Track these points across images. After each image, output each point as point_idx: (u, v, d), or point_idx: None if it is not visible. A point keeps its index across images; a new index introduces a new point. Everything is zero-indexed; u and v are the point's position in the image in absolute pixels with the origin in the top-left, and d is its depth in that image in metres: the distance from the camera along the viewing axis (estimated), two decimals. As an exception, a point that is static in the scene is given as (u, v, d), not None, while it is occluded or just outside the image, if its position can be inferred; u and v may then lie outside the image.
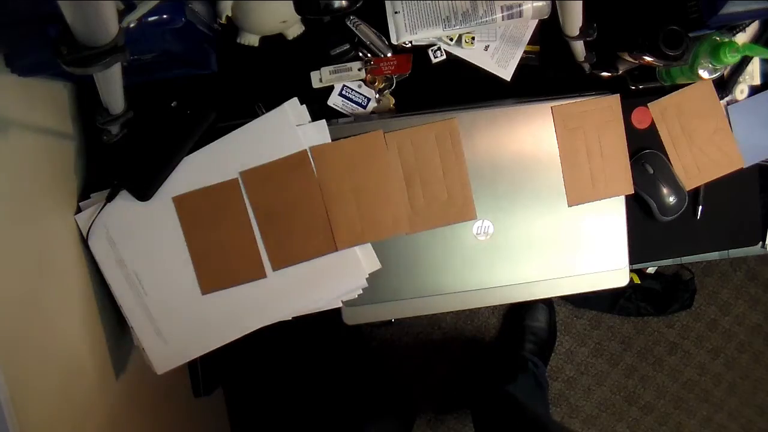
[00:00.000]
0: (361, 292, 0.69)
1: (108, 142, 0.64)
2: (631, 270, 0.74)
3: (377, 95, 0.72)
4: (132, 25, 0.42)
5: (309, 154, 0.66)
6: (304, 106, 0.67)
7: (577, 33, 0.62)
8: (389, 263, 0.68)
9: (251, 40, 0.66)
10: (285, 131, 0.66)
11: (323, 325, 0.65)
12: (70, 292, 0.63)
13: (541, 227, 0.70)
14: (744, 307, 1.79)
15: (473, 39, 0.70)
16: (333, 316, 0.69)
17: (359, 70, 0.70)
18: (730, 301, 1.78)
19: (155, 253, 0.67)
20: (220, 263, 0.67)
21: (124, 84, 0.53)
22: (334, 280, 0.68)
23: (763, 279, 1.78)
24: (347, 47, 0.70)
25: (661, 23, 0.64)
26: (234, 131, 0.66)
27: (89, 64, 0.42)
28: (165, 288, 0.67)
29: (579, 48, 0.67)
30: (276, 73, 0.70)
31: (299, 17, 0.67)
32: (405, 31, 0.68)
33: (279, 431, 1.54)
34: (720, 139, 0.76)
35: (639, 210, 0.76)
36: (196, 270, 0.67)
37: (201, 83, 0.69)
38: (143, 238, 0.66)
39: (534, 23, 0.72)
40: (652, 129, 0.75)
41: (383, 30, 0.69)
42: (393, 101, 0.72)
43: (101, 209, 0.65)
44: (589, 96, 0.69)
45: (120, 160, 0.65)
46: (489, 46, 0.72)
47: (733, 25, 0.70)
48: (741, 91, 0.77)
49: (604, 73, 0.73)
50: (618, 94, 0.70)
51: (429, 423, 1.52)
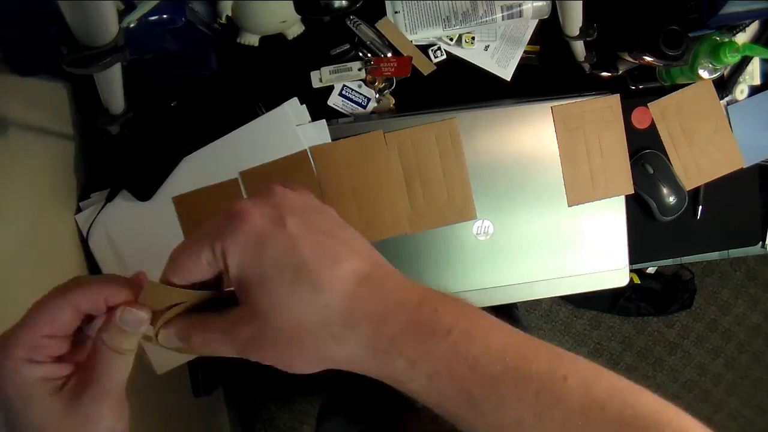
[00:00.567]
0: (361, 292, 0.68)
1: (108, 142, 0.64)
2: (631, 270, 0.74)
3: (377, 95, 0.72)
4: (132, 25, 0.42)
5: (309, 154, 0.66)
6: (304, 106, 0.67)
7: (577, 33, 0.62)
8: (389, 263, 0.68)
9: (251, 39, 0.66)
10: (285, 131, 0.66)
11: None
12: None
13: (541, 227, 0.70)
14: (744, 307, 1.79)
15: (473, 39, 0.70)
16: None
17: (359, 70, 0.70)
18: (730, 301, 1.78)
19: (155, 253, 0.66)
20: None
21: (124, 84, 0.53)
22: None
23: (763, 279, 1.78)
24: (347, 47, 0.70)
25: (661, 23, 0.64)
26: (234, 131, 0.66)
27: (89, 64, 0.42)
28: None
29: (579, 48, 0.67)
30: (276, 73, 0.70)
31: (299, 17, 0.67)
32: (405, 31, 0.68)
33: (278, 429, 1.54)
34: (720, 139, 0.76)
35: (639, 210, 0.76)
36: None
37: (201, 83, 0.69)
38: (143, 237, 0.66)
39: (534, 23, 0.72)
40: (652, 129, 0.75)
41: (383, 30, 0.69)
42: (393, 101, 0.72)
43: (101, 209, 0.65)
44: (589, 96, 0.69)
45: (120, 160, 0.65)
46: (489, 46, 0.72)
47: (733, 25, 0.70)
48: (741, 91, 0.77)
49: (604, 73, 0.73)
50: (618, 94, 0.70)
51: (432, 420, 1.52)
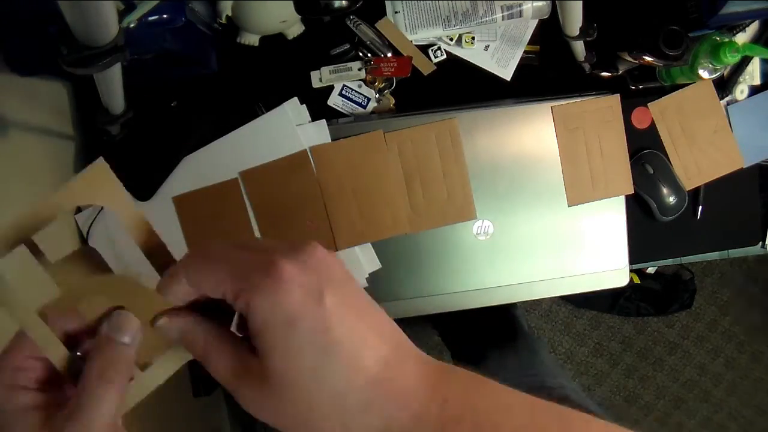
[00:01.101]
0: (361, 292, 0.69)
1: (108, 142, 0.64)
2: (631, 270, 0.74)
3: (377, 95, 0.72)
4: (132, 25, 0.42)
5: (309, 154, 0.66)
6: (304, 105, 0.67)
7: (577, 33, 0.62)
8: (389, 263, 0.68)
9: (251, 39, 0.66)
10: (285, 131, 0.66)
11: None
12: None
13: (541, 227, 0.70)
14: (744, 307, 1.79)
15: (473, 39, 0.70)
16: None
17: (359, 70, 0.70)
18: (730, 301, 1.78)
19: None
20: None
21: (124, 84, 0.53)
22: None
23: (763, 279, 1.78)
24: (347, 47, 0.70)
25: (661, 23, 0.64)
26: (234, 131, 0.66)
27: (89, 64, 0.42)
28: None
29: (579, 48, 0.67)
30: (276, 73, 0.70)
31: (299, 17, 0.67)
32: (405, 31, 0.68)
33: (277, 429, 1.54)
34: (720, 139, 0.76)
35: (639, 210, 0.76)
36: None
37: (201, 83, 0.69)
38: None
39: (534, 23, 0.72)
40: (652, 129, 0.75)
41: (383, 30, 0.69)
42: (393, 101, 0.72)
43: (101, 209, 0.65)
44: (589, 96, 0.69)
45: (120, 160, 0.65)
46: (489, 46, 0.72)
47: (733, 25, 0.70)
48: (741, 91, 0.77)
49: (604, 73, 0.73)
50: (618, 94, 0.70)
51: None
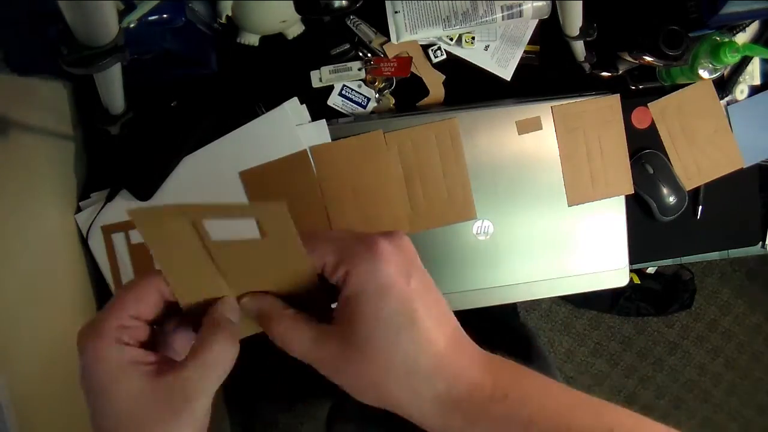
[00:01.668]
0: (361, 291, 0.68)
1: (108, 142, 0.64)
2: (631, 270, 0.74)
3: (377, 95, 0.71)
4: (132, 25, 0.42)
5: (309, 153, 0.66)
6: (304, 105, 0.67)
7: (577, 33, 0.62)
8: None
9: (251, 39, 0.66)
10: (285, 131, 0.66)
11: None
12: (70, 291, 0.63)
13: (541, 227, 0.70)
14: (744, 307, 1.79)
15: (473, 39, 0.70)
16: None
17: (359, 69, 0.70)
18: (730, 301, 1.78)
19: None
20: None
21: (124, 84, 0.53)
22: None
23: (763, 279, 1.78)
24: (347, 47, 0.70)
25: (661, 23, 0.64)
26: (234, 131, 0.66)
27: (89, 64, 0.42)
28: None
29: (579, 48, 0.67)
30: (276, 73, 0.70)
31: (299, 17, 0.67)
32: (405, 31, 0.68)
33: (278, 430, 1.55)
34: (720, 139, 0.76)
35: (639, 210, 0.76)
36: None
37: (201, 83, 0.69)
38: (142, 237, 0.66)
39: (534, 23, 0.72)
40: (652, 129, 0.75)
41: (383, 30, 0.69)
42: (393, 101, 0.72)
43: (101, 209, 0.65)
44: (589, 96, 0.69)
45: (120, 160, 0.65)
46: (489, 45, 0.72)
47: (733, 25, 0.70)
48: (741, 91, 0.77)
49: (604, 73, 0.73)
50: (618, 94, 0.70)
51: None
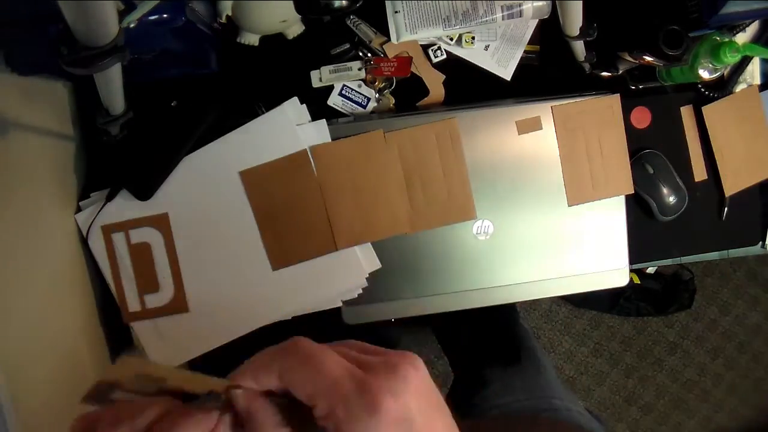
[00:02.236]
0: (361, 291, 0.69)
1: (108, 142, 0.64)
2: (631, 270, 0.74)
3: (377, 95, 0.71)
4: (132, 25, 0.42)
5: (309, 153, 0.66)
6: (304, 105, 0.67)
7: (577, 33, 0.62)
8: (389, 263, 0.68)
9: (251, 39, 0.66)
10: (285, 131, 0.66)
11: (323, 325, 0.66)
12: (69, 291, 0.63)
13: (541, 227, 0.70)
14: (744, 307, 1.79)
15: (473, 39, 0.70)
16: (333, 316, 0.69)
17: (359, 69, 0.70)
18: (730, 301, 1.78)
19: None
20: (220, 263, 0.67)
21: (124, 83, 0.53)
22: (333, 279, 0.68)
23: (763, 279, 1.78)
24: (347, 47, 0.70)
25: (661, 23, 0.64)
26: (234, 131, 0.66)
27: (89, 64, 0.42)
28: (164, 287, 0.67)
29: (579, 48, 0.67)
30: (276, 73, 0.70)
31: (299, 17, 0.67)
32: (405, 31, 0.68)
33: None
34: (759, 145, 0.76)
35: (639, 210, 0.76)
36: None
37: (201, 83, 0.69)
38: (142, 237, 0.66)
39: (534, 23, 0.72)
40: (651, 129, 0.75)
41: (383, 30, 0.69)
42: (393, 101, 0.72)
43: (101, 209, 0.65)
44: (589, 96, 0.69)
45: (120, 159, 0.65)
46: (489, 45, 0.72)
47: (733, 25, 0.70)
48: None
49: (604, 73, 0.73)
50: (618, 94, 0.70)
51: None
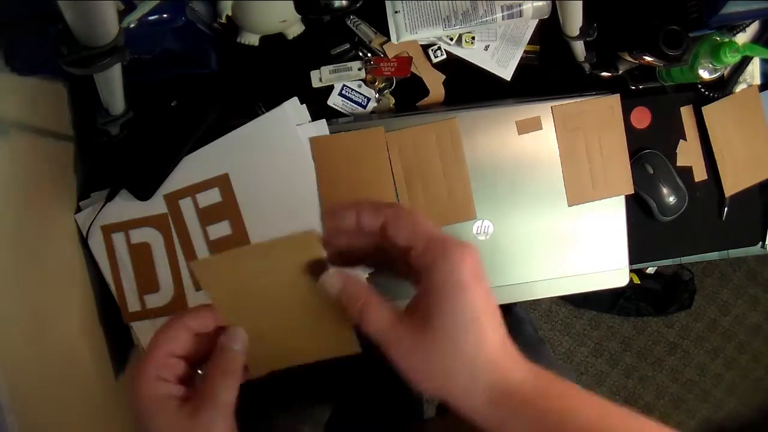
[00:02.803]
0: (361, 291, 0.68)
1: (108, 142, 0.64)
2: (631, 270, 0.74)
3: (377, 95, 0.71)
4: (132, 25, 0.42)
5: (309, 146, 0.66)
6: (304, 105, 0.67)
7: (577, 33, 0.62)
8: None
9: (251, 39, 0.66)
10: (285, 131, 0.66)
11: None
12: (69, 291, 0.63)
13: (541, 227, 0.70)
14: (744, 307, 1.79)
15: (473, 39, 0.70)
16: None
17: (359, 69, 0.70)
18: (729, 301, 1.78)
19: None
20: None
21: (124, 83, 0.53)
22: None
23: (763, 279, 1.78)
24: (347, 47, 0.70)
25: (661, 23, 0.64)
26: (234, 131, 0.66)
27: (89, 64, 0.42)
28: (164, 287, 0.67)
29: (579, 48, 0.67)
30: (276, 73, 0.70)
31: (299, 17, 0.67)
32: (405, 31, 0.68)
33: (277, 429, 1.54)
34: (759, 145, 0.76)
35: (639, 210, 0.76)
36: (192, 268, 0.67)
37: (201, 83, 0.69)
38: (142, 237, 0.66)
39: (534, 23, 0.72)
40: (651, 129, 0.75)
41: (383, 30, 0.69)
42: (393, 101, 0.72)
43: (101, 209, 0.65)
44: (589, 96, 0.69)
45: (120, 160, 0.65)
46: (489, 45, 0.72)
47: (733, 25, 0.70)
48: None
49: (604, 73, 0.73)
50: (618, 94, 0.70)
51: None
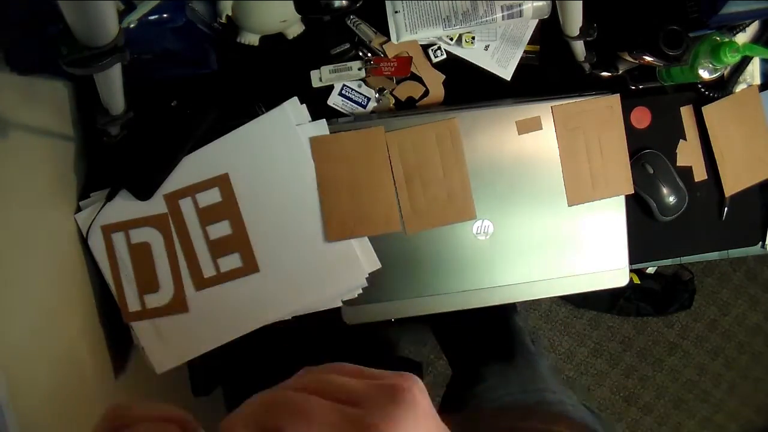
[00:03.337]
0: (361, 291, 0.69)
1: (108, 142, 0.64)
2: (631, 270, 0.74)
3: (377, 95, 0.71)
4: (132, 25, 0.42)
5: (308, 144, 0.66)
6: (304, 105, 0.67)
7: (577, 33, 0.62)
8: (389, 263, 0.68)
9: (251, 39, 0.66)
10: (285, 131, 0.66)
11: (323, 325, 0.66)
12: (69, 291, 0.63)
13: (541, 227, 0.70)
14: (744, 307, 1.79)
15: (473, 39, 0.70)
16: (333, 316, 0.69)
17: (359, 69, 0.70)
18: (729, 301, 1.78)
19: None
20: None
21: (124, 83, 0.53)
22: (333, 279, 0.68)
23: (763, 279, 1.78)
24: (347, 46, 0.70)
25: (661, 23, 0.64)
26: (234, 131, 0.66)
27: (89, 64, 0.42)
28: (164, 287, 0.67)
29: (579, 48, 0.67)
30: (276, 73, 0.70)
31: (299, 16, 0.67)
32: (405, 31, 0.68)
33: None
34: (759, 145, 0.76)
35: (639, 210, 0.76)
36: (191, 268, 0.67)
37: (201, 83, 0.69)
38: (142, 237, 0.66)
39: (534, 23, 0.72)
40: (651, 129, 0.75)
41: (383, 30, 0.69)
42: (393, 101, 0.72)
43: (101, 208, 0.65)
44: (589, 96, 0.69)
45: (120, 159, 0.65)
46: (489, 45, 0.72)
47: (733, 25, 0.70)
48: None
49: (604, 73, 0.73)
50: (618, 94, 0.70)
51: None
